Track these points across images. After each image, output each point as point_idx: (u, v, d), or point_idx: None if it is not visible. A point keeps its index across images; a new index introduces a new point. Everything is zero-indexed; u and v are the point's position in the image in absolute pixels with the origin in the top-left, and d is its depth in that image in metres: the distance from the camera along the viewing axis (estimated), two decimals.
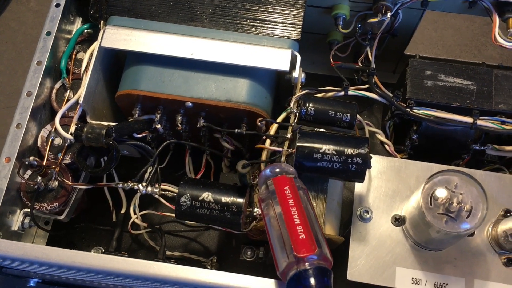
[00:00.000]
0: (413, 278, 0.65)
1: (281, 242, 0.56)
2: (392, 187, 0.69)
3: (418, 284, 0.65)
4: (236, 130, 0.68)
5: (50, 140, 0.73)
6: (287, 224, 0.56)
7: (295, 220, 0.56)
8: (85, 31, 0.80)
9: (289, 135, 0.66)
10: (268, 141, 0.68)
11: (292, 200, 0.58)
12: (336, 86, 0.74)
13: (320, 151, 0.62)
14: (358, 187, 0.69)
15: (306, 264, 0.53)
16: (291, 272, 0.54)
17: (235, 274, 0.60)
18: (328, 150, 0.62)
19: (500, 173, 0.75)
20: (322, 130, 0.68)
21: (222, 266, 0.81)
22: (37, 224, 0.72)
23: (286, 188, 0.59)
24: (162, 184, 0.70)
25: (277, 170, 0.61)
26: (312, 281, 0.52)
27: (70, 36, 0.80)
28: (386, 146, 0.77)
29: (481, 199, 0.60)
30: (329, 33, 0.84)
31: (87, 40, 0.80)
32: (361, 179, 0.63)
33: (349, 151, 0.62)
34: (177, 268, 0.60)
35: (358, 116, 0.76)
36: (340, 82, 0.73)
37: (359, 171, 0.62)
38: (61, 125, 0.72)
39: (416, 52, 0.78)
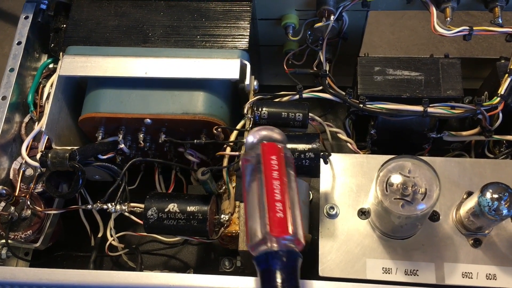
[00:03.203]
0: (383, 268, 0.65)
1: (257, 213, 0.52)
2: (356, 182, 0.70)
3: (389, 273, 0.65)
4: (196, 140, 0.70)
5: (22, 171, 0.76)
6: (266, 197, 0.52)
7: (276, 195, 0.51)
8: (51, 65, 0.84)
9: (245, 140, 0.68)
10: (228, 148, 0.70)
11: (277, 172, 0.53)
12: None
13: None
14: (323, 186, 0.70)
15: (278, 244, 0.50)
16: (260, 248, 0.51)
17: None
18: None
19: (460, 158, 0.77)
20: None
21: None
22: (13, 252, 0.73)
23: (273, 157, 0.54)
24: (131, 202, 0.72)
25: (269, 134, 0.56)
26: (279, 263, 0.49)
27: (36, 73, 0.83)
28: (349, 145, 0.79)
29: (434, 181, 0.61)
30: (284, 44, 0.87)
31: (52, 74, 0.83)
32: (316, 173, 0.65)
33: (301, 147, 0.64)
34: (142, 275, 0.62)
35: (318, 118, 0.79)
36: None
37: (313, 166, 0.64)
38: (32, 156, 0.75)
39: (375, 55, 0.80)
